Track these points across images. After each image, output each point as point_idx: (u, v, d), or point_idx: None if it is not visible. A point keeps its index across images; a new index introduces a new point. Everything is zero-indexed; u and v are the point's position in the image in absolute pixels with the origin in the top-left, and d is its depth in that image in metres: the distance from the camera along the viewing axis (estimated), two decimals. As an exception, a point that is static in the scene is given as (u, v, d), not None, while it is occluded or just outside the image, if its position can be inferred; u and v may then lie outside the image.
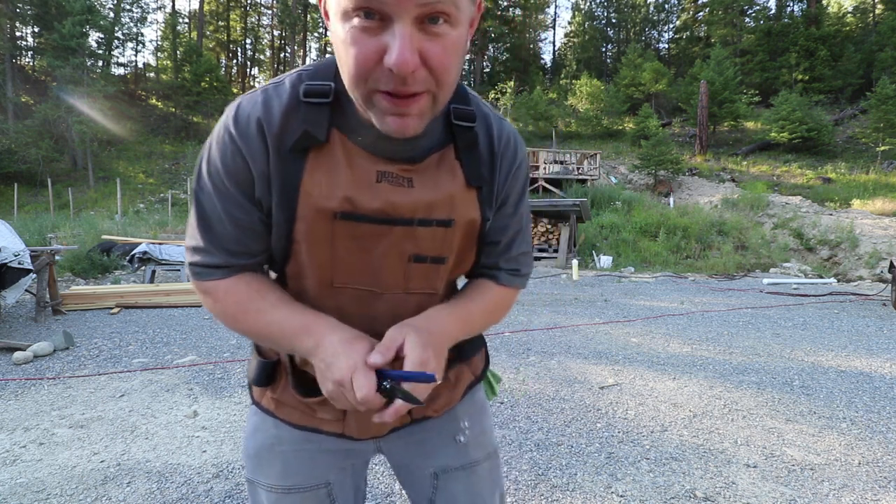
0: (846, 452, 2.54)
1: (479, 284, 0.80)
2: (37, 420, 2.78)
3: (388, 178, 0.66)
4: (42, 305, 5.18)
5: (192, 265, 0.69)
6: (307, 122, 0.62)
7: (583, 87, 30.45)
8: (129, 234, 10.69)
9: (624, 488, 2.17)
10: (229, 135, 0.63)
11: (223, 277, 0.68)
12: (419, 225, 0.68)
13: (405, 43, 0.50)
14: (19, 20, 29.28)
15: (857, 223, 12.96)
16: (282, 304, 0.68)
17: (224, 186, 0.64)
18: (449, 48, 0.54)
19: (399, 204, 0.66)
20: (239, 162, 0.63)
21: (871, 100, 22.17)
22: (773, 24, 33.11)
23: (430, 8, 0.51)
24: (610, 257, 11.90)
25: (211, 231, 0.66)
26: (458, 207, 0.69)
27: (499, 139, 0.72)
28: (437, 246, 0.71)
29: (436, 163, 0.68)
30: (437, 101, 0.57)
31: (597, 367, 3.93)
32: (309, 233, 0.66)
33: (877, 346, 4.71)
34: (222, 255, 0.67)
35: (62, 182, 21.99)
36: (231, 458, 2.39)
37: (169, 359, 3.97)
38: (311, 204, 0.64)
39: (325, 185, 0.64)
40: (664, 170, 19.33)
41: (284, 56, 44.22)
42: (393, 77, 0.52)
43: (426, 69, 0.53)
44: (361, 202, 0.65)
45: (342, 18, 0.53)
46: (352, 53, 0.53)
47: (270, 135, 0.62)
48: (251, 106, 0.63)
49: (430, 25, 0.52)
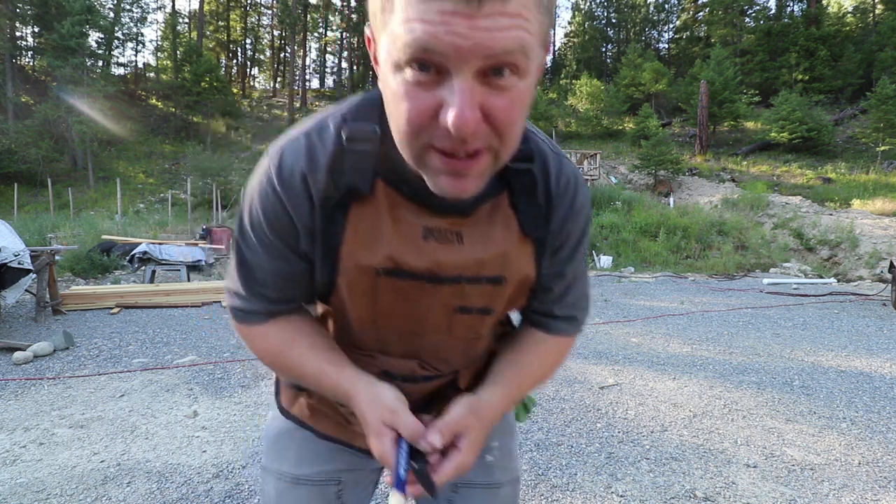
0: (846, 452, 2.54)
1: (532, 339, 0.75)
2: (37, 420, 2.78)
3: (436, 234, 0.62)
4: (42, 305, 5.18)
5: (232, 308, 0.69)
6: (351, 173, 0.59)
7: (583, 87, 30.44)
8: (129, 234, 10.69)
9: (624, 488, 2.16)
10: (272, 188, 0.60)
11: (262, 322, 0.68)
12: (467, 283, 0.64)
13: (465, 100, 0.44)
14: (19, 20, 29.26)
15: (857, 223, 12.95)
16: (312, 356, 0.67)
17: (268, 238, 0.62)
18: (515, 102, 0.47)
19: (447, 263, 0.62)
20: (282, 215, 0.61)
21: (871, 100, 22.15)
22: (773, 24, 33.09)
23: (495, 60, 0.43)
24: (610, 257, 11.89)
25: (252, 279, 0.65)
26: (511, 264, 0.65)
27: (556, 180, 0.65)
28: (486, 300, 0.67)
29: (488, 213, 0.63)
30: (498, 159, 0.51)
31: (597, 367, 3.93)
32: (351, 286, 0.64)
33: (877, 346, 4.71)
34: (262, 303, 0.66)
35: (62, 182, 21.97)
36: (231, 458, 2.39)
37: (169, 359, 3.97)
38: (354, 260, 0.62)
39: (368, 241, 0.61)
40: (664, 170, 19.31)
41: (284, 56, 44.20)
42: (450, 136, 0.46)
43: (488, 125, 0.46)
44: (406, 261, 0.61)
45: (394, 69, 0.46)
46: (403, 109, 0.47)
47: (315, 189, 0.59)
48: (295, 156, 0.59)
49: (495, 78, 0.45)
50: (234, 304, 0.68)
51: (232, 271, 0.67)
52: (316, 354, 0.67)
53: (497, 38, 0.42)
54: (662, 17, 43.58)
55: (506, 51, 0.43)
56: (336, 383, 0.65)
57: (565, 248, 0.69)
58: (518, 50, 0.43)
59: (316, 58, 47.64)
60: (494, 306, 0.69)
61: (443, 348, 0.72)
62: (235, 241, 0.66)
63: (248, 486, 2.15)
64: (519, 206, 0.64)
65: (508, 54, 0.43)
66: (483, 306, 0.68)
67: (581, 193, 0.68)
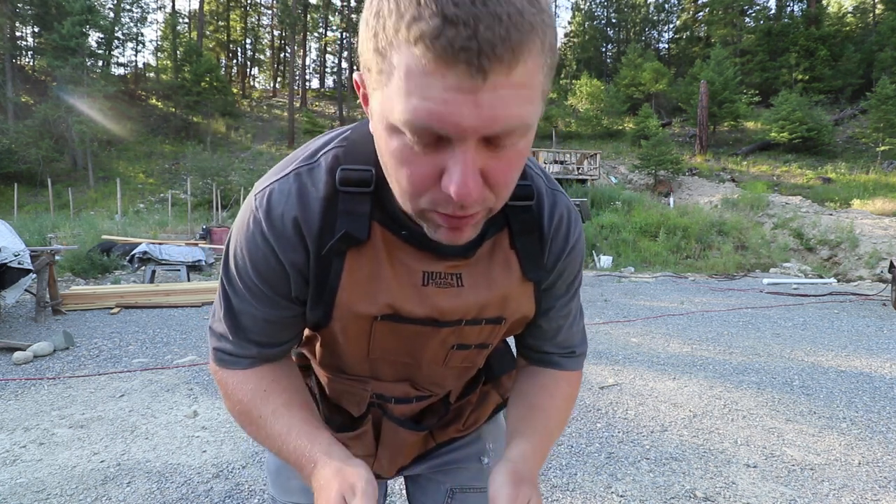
0: (846, 452, 2.54)
1: (544, 379, 0.72)
2: (37, 420, 2.78)
3: (436, 279, 0.60)
4: (42, 305, 5.18)
5: (217, 350, 0.64)
6: (346, 219, 0.55)
7: (583, 87, 30.46)
8: (129, 234, 10.69)
9: (624, 488, 2.16)
10: (261, 233, 0.56)
11: (244, 368, 0.64)
12: (467, 325, 0.63)
13: (467, 170, 0.42)
14: (19, 20, 29.26)
15: (857, 223, 12.95)
16: (286, 412, 0.61)
17: (256, 287, 0.59)
18: (514, 162, 0.45)
19: (447, 310, 0.61)
20: (273, 264, 0.57)
21: (871, 100, 22.18)
22: (773, 24, 33.12)
23: (498, 133, 0.41)
24: (610, 257, 11.89)
25: (238, 325, 0.62)
26: (511, 305, 0.64)
27: (550, 218, 0.64)
28: (483, 337, 0.67)
29: (488, 254, 0.61)
30: (492, 211, 0.50)
31: (597, 366, 3.93)
32: (345, 331, 0.62)
33: (877, 346, 4.71)
34: (251, 347, 0.63)
35: (62, 182, 21.98)
36: (231, 458, 2.39)
37: (169, 359, 3.97)
38: (351, 309, 0.59)
39: (366, 289, 0.58)
40: (664, 170, 19.32)
41: (284, 56, 44.22)
42: (451, 201, 0.44)
43: (486, 186, 0.45)
44: (406, 308, 0.60)
45: (390, 131, 0.43)
46: (404, 173, 0.45)
47: (309, 235, 0.56)
48: (285, 200, 0.56)
49: (496, 144, 0.43)
50: (222, 346, 0.64)
51: (218, 314, 0.63)
52: (291, 412, 0.61)
53: (500, 117, 0.40)
54: (662, 17, 43.60)
55: (510, 125, 0.41)
56: (304, 445, 0.58)
57: (558, 285, 0.68)
58: (523, 123, 0.41)
59: (316, 58, 47.72)
60: (492, 342, 0.69)
61: (438, 376, 0.72)
62: (221, 285, 0.62)
63: (248, 486, 2.15)
64: (519, 246, 0.62)
65: (513, 126, 0.41)
66: (481, 343, 0.68)
67: (574, 231, 0.66)
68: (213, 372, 0.66)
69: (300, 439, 0.58)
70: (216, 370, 0.65)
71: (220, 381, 0.65)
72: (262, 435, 0.62)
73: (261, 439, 0.63)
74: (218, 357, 0.64)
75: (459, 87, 0.38)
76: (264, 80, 47.84)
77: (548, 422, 0.68)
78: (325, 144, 0.59)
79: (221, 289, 0.62)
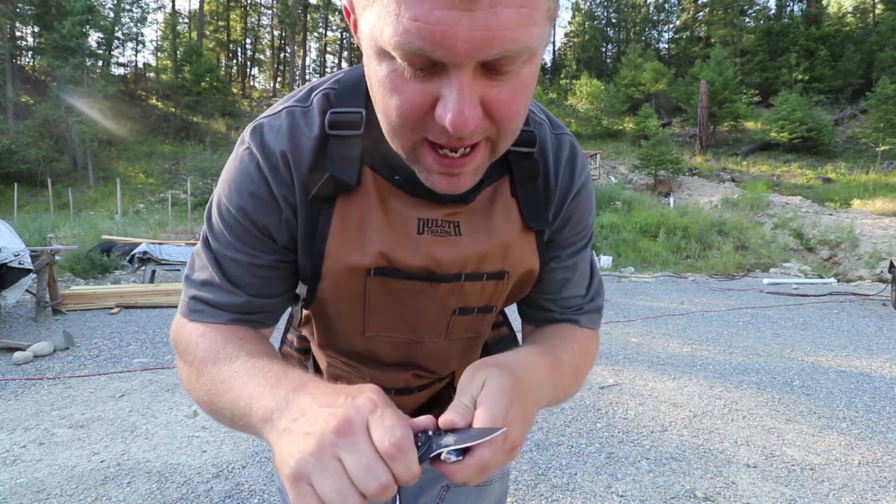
0: (846, 452, 2.54)
1: (559, 331, 0.65)
2: (37, 420, 2.78)
3: (432, 226, 0.56)
4: (42, 305, 5.18)
5: (194, 298, 0.56)
6: (334, 162, 0.52)
7: (583, 87, 30.46)
8: (129, 234, 10.69)
9: (624, 488, 2.16)
10: (257, 166, 0.53)
11: (223, 323, 0.56)
12: (467, 280, 0.58)
13: (463, 98, 0.38)
14: (19, 20, 29.26)
15: (857, 223, 12.95)
16: (248, 360, 0.50)
17: (243, 229, 0.54)
18: (519, 91, 0.41)
19: (445, 260, 0.56)
20: (266, 198, 0.53)
21: (871, 100, 22.18)
22: (773, 24, 33.13)
23: (498, 56, 0.37)
24: (610, 257, 11.89)
25: (225, 271, 0.56)
26: (513, 257, 0.59)
27: (556, 161, 0.60)
28: (486, 298, 0.62)
29: (488, 200, 0.57)
30: (496, 151, 0.46)
31: (597, 366, 3.93)
32: (336, 291, 0.58)
33: (877, 346, 4.71)
34: (236, 294, 0.56)
35: (62, 182, 21.99)
36: (231, 458, 2.39)
37: (169, 359, 3.97)
38: (341, 261, 0.55)
39: (357, 237, 0.54)
40: (664, 170, 19.32)
41: (284, 56, 44.22)
42: (446, 132, 0.40)
43: (488, 118, 0.41)
44: (400, 258, 0.55)
45: (380, 55, 0.40)
46: (393, 103, 0.41)
47: (298, 176, 0.53)
48: (275, 135, 0.53)
49: (497, 68, 0.39)
50: (202, 295, 0.56)
51: (201, 262, 0.57)
52: (261, 359, 0.50)
53: (498, 38, 0.36)
54: (662, 17, 43.60)
55: (510, 49, 0.37)
56: (271, 381, 0.46)
57: (568, 232, 0.63)
58: (524, 46, 0.37)
59: (316, 58, 47.70)
60: (495, 303, 0.64)
61: (440, 352, 0.68)
62: (206, 237, 0.57)
63: (248, 486, 2.15)
64: (520, 194, 0.58)
65: (513, 50, 0.37)
66: (483, 305, 0.63)
67: (581, 169, 0.62)
68: (175, 331, 0.58)
69: (268, 376, 0.47)
70: (183, 324, 0.57)
71: (182, 337, 0.56)
72: (215, 379, 0.51)
73: (211, 386, 0.51)
74: (192, 308, 0.56)
75: (452, 4, 0.35)
76: (264, 80, 47.87)
77: (559, 356, 0.58)
78: (319, 85, 0.56)
79: (205, 240, 0.57)
